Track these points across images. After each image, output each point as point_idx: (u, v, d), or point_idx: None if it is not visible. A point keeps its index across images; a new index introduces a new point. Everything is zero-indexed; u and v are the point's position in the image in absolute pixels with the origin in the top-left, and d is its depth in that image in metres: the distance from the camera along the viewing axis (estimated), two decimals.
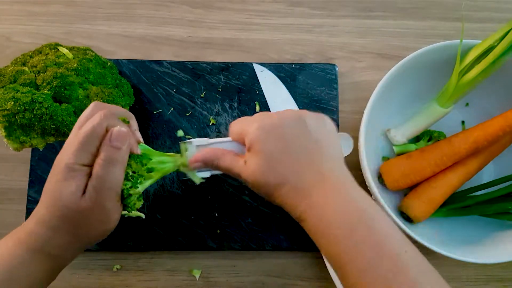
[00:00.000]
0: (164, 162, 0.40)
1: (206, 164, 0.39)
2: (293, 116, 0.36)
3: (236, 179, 0.51)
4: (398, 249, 0.30)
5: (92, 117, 0.35)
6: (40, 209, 0.34)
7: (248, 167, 0.36)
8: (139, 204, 0.38)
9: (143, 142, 0.40)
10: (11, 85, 0.41)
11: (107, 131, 0.34)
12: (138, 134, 0.40)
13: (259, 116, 0.37)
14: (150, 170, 0.38)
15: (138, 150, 0.37)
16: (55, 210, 0.33)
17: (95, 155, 0.34)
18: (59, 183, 0.33)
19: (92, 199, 0.33)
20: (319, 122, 0.37)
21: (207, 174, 0.42)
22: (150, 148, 0.40)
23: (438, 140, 0.50)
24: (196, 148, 0.41)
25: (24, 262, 0.33)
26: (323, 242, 0.33)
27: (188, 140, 0.41)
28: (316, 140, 0.35)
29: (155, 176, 0.39)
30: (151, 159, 0.38)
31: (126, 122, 0.38)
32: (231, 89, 0.55)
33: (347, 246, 0.31)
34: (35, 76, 0.43)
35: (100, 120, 0.34)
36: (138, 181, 0.37)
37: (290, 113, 0.36)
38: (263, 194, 0.36)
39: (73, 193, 0.33)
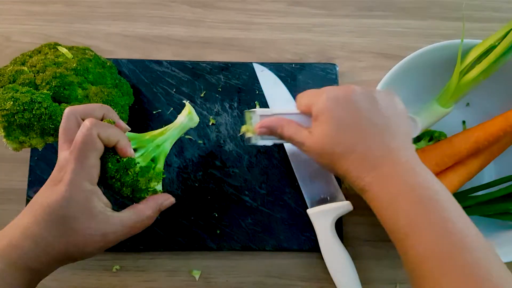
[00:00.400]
0: (159, 145, 0.40)
1: (271, 132, 0.41)
2: (364, 92, 0.37)
3: (236, 178, 0.50)
4: (466, 230, 0.30)
5: (80, 129, 0.34)
6: (30, 223, 0.32)
7: (313, 136, 0.37)
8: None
9: (130, 129, 0.40)
10: (10, 85, 0.41)
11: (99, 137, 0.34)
12: (123, 124, 0.39)
13: (329, 88, 0.38)
14: (153, 162, 0.39)
15: (131, 151, 0.36)
16: (52, 228, 0.32)
17: (97, 166, 0.34)
18: (64, 201, 0.32)
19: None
20: (389, 100, 0.37)
21: (269, 142, 0.44)
22: (139, 134, 0.40)
23: (439, 140, 0.50)
24: (260, 117, 0.42)
25: (3, 276, 0.31)
26: (387, 215, 0.33)
27: (252, 110, 0.43)
28: (386, 117, 0.36)
29: (161, 162, 0.40)
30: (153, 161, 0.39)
31: (112, 122, 0.37)
32: (231, 89, 0.55)
33: (411, 220, 0.31)
34: (34, 76, 0.43)
35: (88, 130, 0.33)
36: (153, 183, 0.38)
37: (360, 88, 0.37)
38: (326, 163, 0.37)
39: (81, 213, 0.32)
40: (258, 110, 0.43)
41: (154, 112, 0.54)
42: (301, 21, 0.59)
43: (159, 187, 0.39)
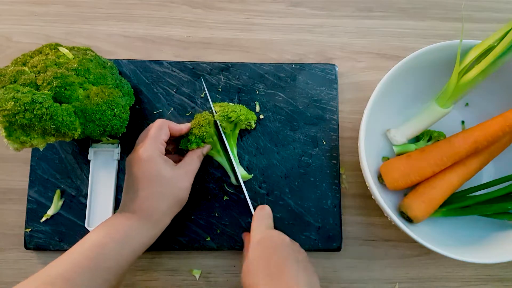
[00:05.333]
0: None
1: None
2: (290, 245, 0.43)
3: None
4: None
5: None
6: (135, 193, 0.43)
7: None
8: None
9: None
10: (11, 85, 0.41)
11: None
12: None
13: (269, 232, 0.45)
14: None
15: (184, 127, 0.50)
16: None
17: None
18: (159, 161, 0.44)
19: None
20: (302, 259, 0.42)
21: None
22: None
23: (438, 140, 0.51)
24: None
25: (136, 229, 0.41)
26: None
27: None
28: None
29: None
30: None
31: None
32: (231, 89, 0.55)
33: None
34: (36, 76, 0.43)
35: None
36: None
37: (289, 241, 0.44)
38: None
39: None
40: None
41: (155, 112, 0.54)
42: (301, 21, 0.59)
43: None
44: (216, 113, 0.50)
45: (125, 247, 0.40)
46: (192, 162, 0.47)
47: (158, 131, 0.45)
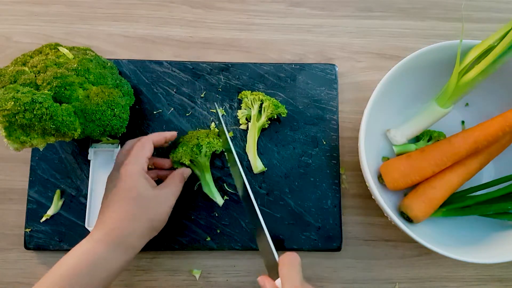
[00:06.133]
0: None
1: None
2: None
3: (235, 178, 0.50)
4: None
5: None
6: (111, 213, 0.41)
7: None
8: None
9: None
10: (11, 85, 0.41)
11: None
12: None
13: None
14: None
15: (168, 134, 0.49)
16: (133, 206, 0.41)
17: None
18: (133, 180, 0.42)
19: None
20: None
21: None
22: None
23: (438, 140, 0.51)
24: None
25: (105, 257, 0.39)
26: None
27: None
28: None
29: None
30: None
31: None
32: (231, 89, 0.55)
33: None
34: (35, 76, 0.43)
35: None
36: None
37: None
38: None
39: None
40: None
41: (155, 112, 0.54)
42: (301, 21, 0.59)
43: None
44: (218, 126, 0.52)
45: (95, 275, 0.38)
46: (176, 183, 0.46)
47: (142, 148, 0.44)
